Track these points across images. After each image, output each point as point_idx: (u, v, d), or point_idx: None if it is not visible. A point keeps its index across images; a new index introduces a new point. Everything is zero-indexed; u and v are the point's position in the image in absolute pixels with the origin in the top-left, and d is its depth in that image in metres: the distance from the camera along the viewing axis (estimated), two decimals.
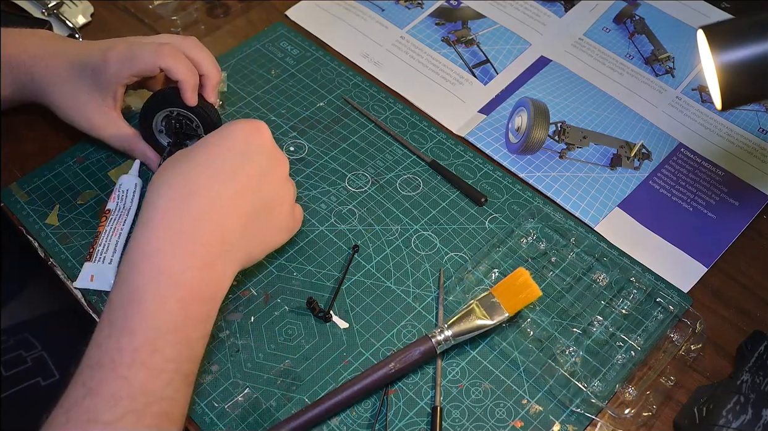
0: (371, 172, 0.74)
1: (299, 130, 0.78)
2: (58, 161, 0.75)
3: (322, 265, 0.67)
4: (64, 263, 0.67)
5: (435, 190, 0.73)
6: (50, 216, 0.70)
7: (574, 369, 0.60)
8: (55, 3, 0.86)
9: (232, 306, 0.64)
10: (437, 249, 0.68)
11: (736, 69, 0.51)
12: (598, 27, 0.87)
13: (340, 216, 0.71)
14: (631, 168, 0.74)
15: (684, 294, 0.65)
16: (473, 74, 0.83)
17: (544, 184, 0.73)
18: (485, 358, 0.61)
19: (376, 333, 0.63)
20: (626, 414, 0.58)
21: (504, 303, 0.60)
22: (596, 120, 0.78)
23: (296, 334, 0.63)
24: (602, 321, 0.63)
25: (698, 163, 0.75)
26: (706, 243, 0.69)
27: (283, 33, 0.88)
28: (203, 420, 0.58)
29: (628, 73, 0.82)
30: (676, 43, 0.84)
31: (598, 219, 0.71)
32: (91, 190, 0.72)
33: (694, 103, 0.79)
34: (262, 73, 0.83)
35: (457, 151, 0.76)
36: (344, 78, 0.83)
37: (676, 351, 0.62)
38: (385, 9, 0.90)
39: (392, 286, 0.66)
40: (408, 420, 0.58)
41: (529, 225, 0.69)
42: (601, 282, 0.66)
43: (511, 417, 0.58)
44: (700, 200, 0.72)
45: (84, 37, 0.87)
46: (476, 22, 0.88)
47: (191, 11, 0.89)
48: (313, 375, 0.60)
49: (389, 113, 0.79)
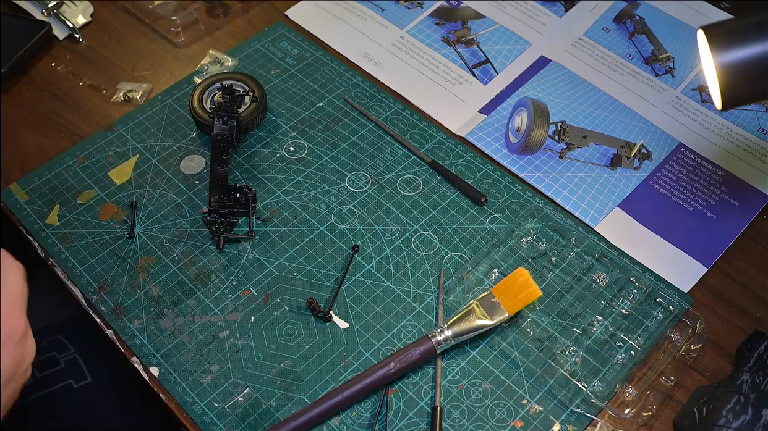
0: (371, 172, 0.74)
1: (299, 130, 0.78)
2: (58, 161, 0.75)
3: (322, 265, 0.67)
4: (64, 263, 0.67)
5: (435, 190, 0.73)
6: (50, 216, 0.70)
7: (574, 369, 0.60)
8: (55, 3, 0.86)
9: (233, 306, 0.64)
10: (437, 249, 0.68)
11: (736, 69, 0.51)
12: (598, 27, 0.87)
13: (340, 216, 0.71)
14: (631, 168, 0.74)
15: (684, 294, 0.65)
16: (473, 74, 0.83)
17: (544, 184, 0.73)
18: (485, 358, 0.61)
19: (376, 333, 0.63)
20: (626, 414, 0.58)
21: (504, 303, 0.60)
22: (596, 120, 0.78)
23: (296, 334, 0.63)
24: (602, 321, 0.63)
25: (698, 163, 0.75)
26: (706, 243, 0.69)
27: (283, 33, 0.88)
28: (203, 420, 0.58)
29: (628, 73, 0.82)
30: (676, 43, 0.84)
31: (598, 220, 0.71)
32: (91, 190, 0.72)
33: (694, 103, 0.79)
34: (262, 73, 0.83)
35: (457, 151, 0.76)
36: (344, 78, 0.83)
37: (676, 351, 0.62)
38: (385, 9, 0.90)
39: (392, 286, 0.66)
40: (408, 420, 0.58)
41: (529, 225, 0.69)
42: (601, 282, 0.66)
43: (511, 417, 0.58)
44: (700, 200, 0.72)
45: (84, 37, 0.87)
46: (476, 22, 0.88)
47: (191, 11, 0.89)
48: (313, 375, 0.60)
49: (389, 113, 0.79)
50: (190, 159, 0.75)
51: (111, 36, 0.88)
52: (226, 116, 0.69)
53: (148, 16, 0.89)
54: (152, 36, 0.88)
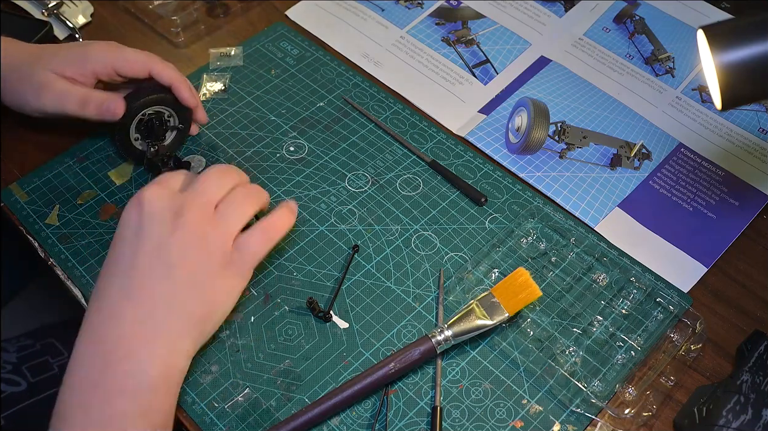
0: (371, 172, 0.74)
1: (299, 130, 0.78)
2: (58, 161, 0.75)
3: (322, 265, 0.67)
4: (64, 263, 0.67)
5: (435, 190, 0.73)
6: (50, 217, 0.70)
7: (574, 369, 0.60)
8: (55, 3, 0.86)
9: None
10: (437, 249, 0.68)
11: (736, 69, 0.51)
12: (598, 27, 0.87)
13: (340, 216, 0.71)
14: (631, 168, 0.74)
15: (684, 294, 0.65)
16: (473, 74, 0.83)
17: (544, 184, 0.73)
18: (485, 358, 0.61)
19: (376, 333, 0.63)
20: (626, 414, 0.58)
21: (504, 303, 0.60)
22: (596, 120, 0.78)
23: (296, 334, 0.63)
24: (602, 321, 0.63)
25: (698, 163, 0.75)
26: (706, 243, 0.69)
27: (283, 33, 0.88)
28: (203, 420, 0.58)
29: (628, 73, 0.82)
30: (676, 43, 0.84)
31: (598, 220, 0.71)
32: (91, 190, 0.72)
33: (694, 103, 0.79)
34: (262, 73, 0.83)
35: (457, 151, 0.76)
36: (344, 78, 0.83)
37: (676, 351, 0.62)
38: (385, 9, 0.90)
39: (392, 286, 0.66)
40: (408, 420, 0.58)
41: (529, 225, 0.69)
42: (601, 282, 0.66)
43: (511, 417, 0.58)
44: (700, 200, 0.72)
45: (84, 37, 0.87)
46: (476, 22, 0.88)
47: (191, 11, 0.89)
48: (313, 375, 0.60)
49: (389, 113, 0.79)
50: (190, 159, 0.75)
51: (111, 36, 0.88)
52: (151, 142, 0.71)
53: (148, 16, 0.89)
54: (152, 36, 0.88)
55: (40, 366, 0.82)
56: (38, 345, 0.84)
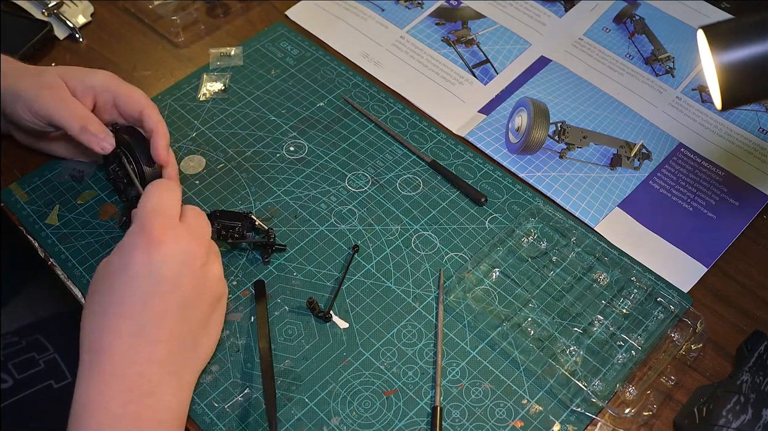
0: (371, 172, 0.74)
1: (299, 130, 0.78)
2: (58, 161, 0.74)
3: (322, 265, 0.67)
4: (64, 263, 0.67)
5: (435, 190, 0.73)
6: (50, 217, 0.70)
7: (575, 368, 0.60)
8: (55, 3, 0.86)
9: (232, 306, 0.64)
10: (437, 249, 0.68)
11: (736, 69, 0.51)
12: (598, 27, 0.87)
13: (340, 216, 0.71)
14: (631, 168, 0.74)
15: (684, 294, 0.65)
16: (473, 74, 0.83)
17: (544, 184, 0.73)
18: (485, 358, 0.61)
19: (376, 333, 0.63)
20: (626, 414, 0.58)
21: None
22: (596, 120, 0.78)
23: (296, 334, 0.63)
24: (603, 320, 0.63)
25: (698, 162, 0.75)
26: (706, 243, 0.69)
27: (283, 33, 0.88)
28: (203, 420, 0.58)
29: (628, 73, 0.82)
30: (676, 43, 0.84)
31: (598, 219, 0.71)
32: (91, 190, 0.72)
33: (694, 103, 0.79)
34: (262, 73, 0.83)
35: (457, 151, 0.76)
36: (344, 78, 0.83)
37: (677, 350, 0.62)
38: (385, 9, 0.90)
39: (392, 286, 0.66)
40: (408, 420, 0.58)
41: (529, 225, 0.69)
42: (602, 281, 0.66)
43: (511, 417, 0.58)
44: (700, 200, 0.72)
45: (84, 37, 0.87)
46: (476, 22, 0.88)
47: (191, 11, 0.89)
48: (313, 375, 0.60)
49: (389, 113, 0.79)
50: (190, 159, 0.75)
51: (111, 36, 0.88)
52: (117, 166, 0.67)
53: (148, 16, 0.89)
54: (152, 36, 0.88)
55: (26, 362, 0.82)
56: (24, 342, 0.84)
